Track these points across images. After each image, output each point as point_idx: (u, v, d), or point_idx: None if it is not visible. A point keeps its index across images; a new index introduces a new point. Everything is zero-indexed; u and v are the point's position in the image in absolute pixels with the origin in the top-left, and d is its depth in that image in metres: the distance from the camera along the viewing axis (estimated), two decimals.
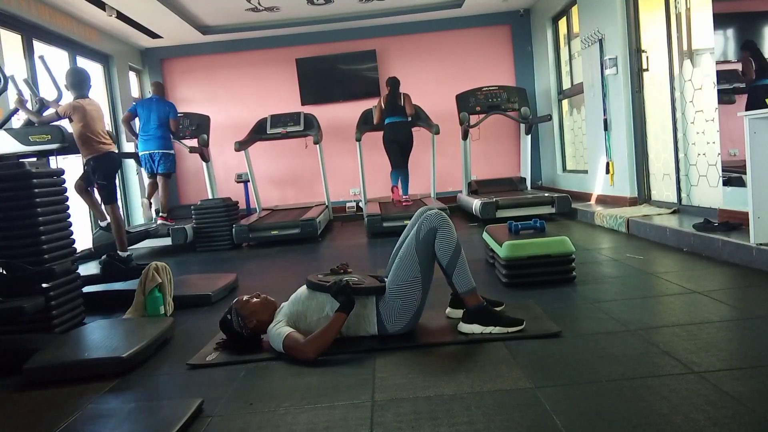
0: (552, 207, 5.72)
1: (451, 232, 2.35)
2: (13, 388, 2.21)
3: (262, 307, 2.39)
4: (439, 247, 2.33)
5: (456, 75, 7.82)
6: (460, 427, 1.57)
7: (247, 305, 2.38)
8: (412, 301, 2.33)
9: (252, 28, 7.47)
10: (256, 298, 2.42)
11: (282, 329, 2.26)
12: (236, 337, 2.39)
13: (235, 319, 2.37)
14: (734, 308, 2.47)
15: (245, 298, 2.42)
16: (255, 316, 2.37)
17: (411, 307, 2.33)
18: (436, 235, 2.33)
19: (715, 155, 4.02)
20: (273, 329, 2.30)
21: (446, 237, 2.33)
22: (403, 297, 2.32)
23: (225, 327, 2.41)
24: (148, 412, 1.90)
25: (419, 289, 2.33)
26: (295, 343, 2.21)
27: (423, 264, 2.33)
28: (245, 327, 2.36)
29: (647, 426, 1.48)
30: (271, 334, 2.30)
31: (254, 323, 2.36)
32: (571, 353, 2.07)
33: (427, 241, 2.33)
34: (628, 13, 5.16)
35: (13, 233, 2.75)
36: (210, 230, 5.95)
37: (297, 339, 2.22)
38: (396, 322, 2.34)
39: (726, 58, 3.80)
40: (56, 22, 5.70)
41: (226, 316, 2.41)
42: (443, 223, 2.34)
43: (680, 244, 3.78)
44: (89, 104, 4.03)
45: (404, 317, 2.33)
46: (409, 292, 2.32)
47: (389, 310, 2.33)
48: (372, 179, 7.28)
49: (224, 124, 7.70)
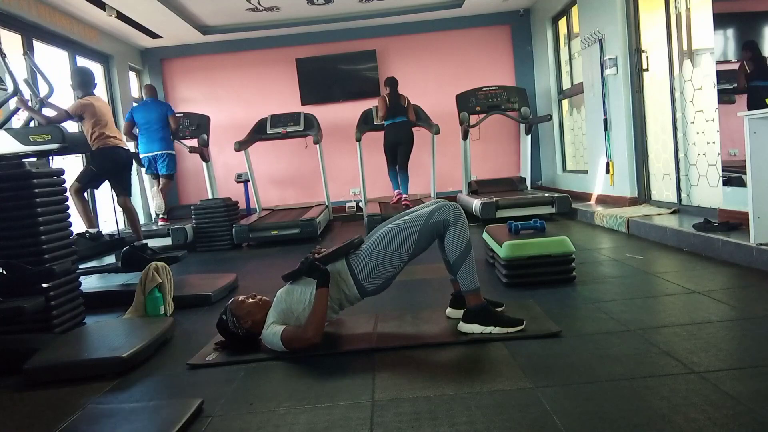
0: (552, 207, 5.71)
1: (465, 229, 2.35)
2: (13, 388, 2.21)
3: (258, 308, 2.40)
4: (449, 242, 2.33)
5: (456, 75, 7.82)
6: (460, 427, 1.57)
7: (243, 306, 2.38)
8: (387, 268, 2.33)
9: (252, 28, 7.47)
10: (252, 299, 2.42)
11: (276, 328, 2.28)
12: (232, 337, 2.39)
13: (231, 319, 2.37)
14: (734, 308, 2.47)
15: (240, 299, 2.42)
16: (250, 317, 2.37)
17: (384, 273, 2.34)
18: (448, 230, 2.32)
19: (715, 155, 4.02)
20: (267, 332, 2.31)
21: (460, 233, 2.33)
22: (381, 261, 2.32)
23: (221, 328, 2.41)
24: (148, 412, 1.90)
25: (401, 264, 2.35)
26: (293, 333, 2.23)
27: (418, 245, 2.34)
28: (240, 327, 2.36)
29: (647, 426, 1.48)
30: (267, 337, 2.30)
31: (249, 324, 2.36)
32: (571, 353, 2.07)
33: (435, 229, 2.33)
34: (628, 13, 5.16)
35: (13, 233, 2.75)
36: (210, 230, 5.95)
37: (293, 330, 2.24)
38: (372, 281, 2.34)
39: (726, 58, 3.80)
40: (56, 22, 5.70)
41: (222, 316, 2.41)
42: (459, 219, 2.34)
43: (680, 244, 3.78)
44: (97, 101, 4.15)
45: (379, 278, 2.34)
46: (389, 260, 2.32)
47: (363, 267, 2.33)
48: (372, 179, 7.27)
49: (224, 124, 7.70)
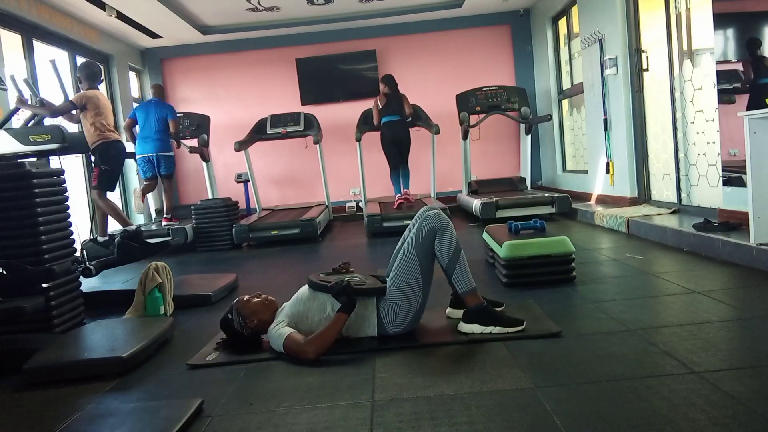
0: (552, 207, 5.71)
1: (451, 233, 2.35)
2: (13, 388, 2.21)
3: (263, 307, 2.39)
4: (438, 248, 2.33)
5: (456, 75, 7.82)
6: (460, 427, 1.57)
7: (248, 305, 2.38)
8: (412, 301, 2.32)
9: (252, 28, 7.47)
10: (257, 298, 2.42)
11: (283, 330, 2.26)
12: (237, 336, 2.39)
13: (236, 318, 2.37)
14: (734, 308, 2.47)
15: (246, 298, 2.42)
16: (256, 316, 2.37)
17: (412, 308, 2.33)
18: (436, 236, 2.33)
19: (715, 155, 4.02)
20: (274, 330, 2.30)
21: (446, 237, 2.33)
22: (403, 298, 2.32)
23: (225, 326, 2.42)
24: (148, 412, 1.90)
25: (420, 290, 2.33)
26: (295, 344, 2.21)
27: (423, 265, 2.33)
28: (246, 327, 2.36)
29: (647, 426, 1.48)
30: (272, 335, 2.30)
31: (255, 323, 2.36)
32: (571, 353, 2.07)
33: (428, 242, 2.33)
34: (628, 13, 5.16)
35: (13, 233, 2.75)
36: (210, 230, 5.95)
37: (297, 340, 2.21)
38: (396, 324, 2.33)
39: (726, 58, 3.80)
40: (56, 22, 5.70)
41: (227, 315, 2.41)
42: (443, 223, 2.35)
43: (680, 244, 3.78)
44: (101, 94, 4.27)
45: (405, 318, 2.33)
46: (409, 293, 2.32)
47: (390, 311, 2.33)
48: (372, 179, 7.27)
49: (224, 124, 7.70)
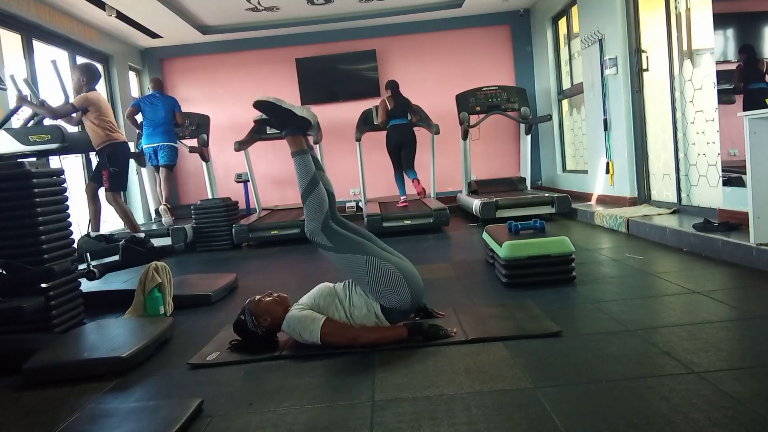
0: (552, 207, 5.71)
1: (309, 217, 2.48)
2: (13, 388, 2.21)
3: (276, 305, 2.40)
4: (308, 220, 2.48)
5: (456, 75, 7.82)
6: (460, 427, 1.57)
7: (260, 304, 2.39)
8: (376, 268, 2.33)
9: (252, 28, 7.47)
10: (269, 297, 2.43)
11: (316, 315, 2.30)
12: (251, 337, 2.38)
13: (249, 319, 2.36)
14: (734, 308, 2.47)
15: (258, 298, 2.42)
16: (269, 314, 2.36)
17: (384, 275, 2.33)
18: (313, 236, 2.46)
19: (715, 155, 4.02)
20: (302, 314, 2.31)
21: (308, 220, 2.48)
22: (377, 278, 2.32)
23: (239, 328, 2.40)
24: (148, 412, 1.90)
25: (371, 258, 2.35)
26: (340, 328, 2.28)
27: (342, 249, 2.40)
28: (260, 326, 2.36)
29: (647, 426, 1.48)
30: (300, 321, 2.29)
31: (268, 321, 2.36)
32: (571, 353, 2.07)
33: (324, 246, 2.44)
34: (628, 13, 5.16)
35: (13, 233, 2.75)
36: (210, 230, 5.95)
37: (341, 326, 2.29)
38: (391, 299, 2.34)
39: (726, 58, 3.80)
40: (56, 22, 5.70)
41: (240, 317, 2.40)
42: (307, 217, 2.48)
43: (680, 244, 3.78)
44: (100, 96, 4.26)
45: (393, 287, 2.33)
46: (369, 267, 2.33)
47: (376, 290, 2.33)
48: (372, 179, 7.27)
49: (224, 124, 7.70)
